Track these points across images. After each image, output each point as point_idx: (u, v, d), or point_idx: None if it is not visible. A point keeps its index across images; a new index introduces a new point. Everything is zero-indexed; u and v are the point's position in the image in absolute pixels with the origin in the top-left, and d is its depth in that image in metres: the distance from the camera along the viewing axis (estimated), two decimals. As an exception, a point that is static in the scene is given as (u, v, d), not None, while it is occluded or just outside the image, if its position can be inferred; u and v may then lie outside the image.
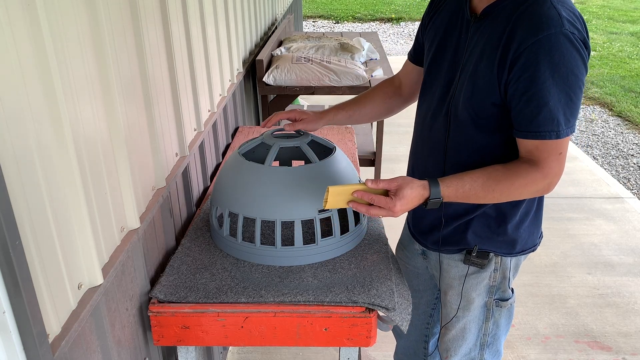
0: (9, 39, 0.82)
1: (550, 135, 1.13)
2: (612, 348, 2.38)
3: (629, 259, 3.04)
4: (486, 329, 1.49)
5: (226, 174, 1.51)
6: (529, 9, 1.13)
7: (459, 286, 1.43)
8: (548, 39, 1.08)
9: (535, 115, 1.13)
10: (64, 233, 0.99)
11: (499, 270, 1.39)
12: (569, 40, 1.08)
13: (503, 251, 1.37)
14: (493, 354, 1.56)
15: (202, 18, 2.01)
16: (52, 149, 0.95)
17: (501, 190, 1.20)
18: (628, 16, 11.42)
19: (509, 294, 1.44)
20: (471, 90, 1.22)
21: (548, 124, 1.13)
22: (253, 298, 1.32)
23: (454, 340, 1.52)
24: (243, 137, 2.46)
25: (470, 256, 1.37)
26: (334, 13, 12.92)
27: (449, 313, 1.49)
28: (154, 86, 1.45)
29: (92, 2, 1.10)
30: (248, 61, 3.07)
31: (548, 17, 1.09)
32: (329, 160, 1.48)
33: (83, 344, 1.05)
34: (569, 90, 1.11)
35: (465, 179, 1.21)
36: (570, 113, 1.13)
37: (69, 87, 1.01)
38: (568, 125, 1.14)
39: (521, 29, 1.11)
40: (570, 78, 1.10)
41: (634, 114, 5.77)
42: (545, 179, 1.18)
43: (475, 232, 1.36)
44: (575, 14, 1.13)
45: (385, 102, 1.60)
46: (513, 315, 1.51)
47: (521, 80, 1.12)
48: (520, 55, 1.11)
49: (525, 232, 1.37)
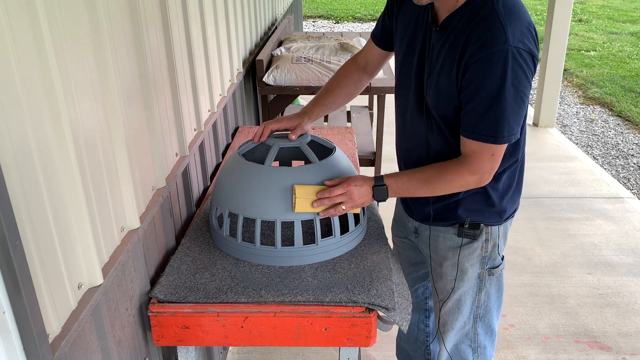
0: (9, 39, 0.82)
1: (488, 140, 1.27)
2: (612, 348, 2.38)
3: (629, 259, 3.04)
4: (479, 300, 1.56)
5: (226, 174, 1.51)
6: (478, 25, 1.22)
7: (454, 257, 1.51)
8: (492, 55, 1.19)
9: (478, 121, 1.26)
10: (64, 233, 0.99)
11: (490, 240, 1.49)
12: (512, 55, 1.19)
13: (492, 221, 1.48)
14: (486, 329, 1.61)
15: (202, 18, 2.01)
16: (52, 149, 0.95)
17: (434, 181, 1.37)
18: (628, 16, 11.42)
19: (499, 261, 1.54)
20: (437, 99, 1.34)
21: (488, 129, 1.26)
22: (253, 298, 1.32)
23: (450, 313, 1.58)
24: (243, 137, 2.46)
25: (463, 228, 1.47)
26: (334, 13, 12.92)
27: (446, 285, 1.55)
28: (154, 86, 1.45)
29: (92, 2, 1.10)
30: (248, 61, 3.07)
31: (494, 35, 1.19)
32: (329, 160, 1.48)
33: (83, 344, 1.05)
34: (511, 101, 1.22)
35: (405, 172, 1.43)
36: (513, 121, 1.26)
37: (69, 87, 1.01)
38: (510, 133, 1.27)
39: (471, 44, 1.22)
40: (511, 90, 1.21)
41: (634, 114, 5.77)
42: (474, 175, 1.33)
43: (465, 207, 1.46)
44: (524, 25, 1.22)
45: (355, 84, 1.68)
46: (503, 287, 1.59)
47: (468, 89, 1.25)
48: (469, 67, 1.23)
49: (509, 202, 1.49)
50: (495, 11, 1.21)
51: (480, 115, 1.25)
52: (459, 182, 1.36)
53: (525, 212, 3.54)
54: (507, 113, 1.23)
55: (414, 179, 1.40)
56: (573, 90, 6.88)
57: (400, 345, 1.95)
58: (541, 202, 3.68)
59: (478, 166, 1.31)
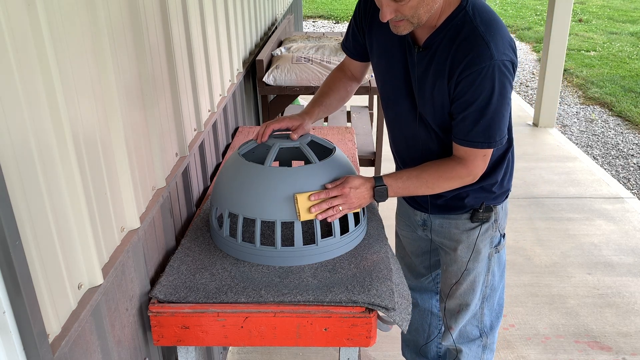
0: (9, 39, 0.82)
1: (482, 146, 1.37)
2: (612, 348, 2.38)
3: (629, 259, 3.04)
4: (487, 280, 1.64)
5: (226, 174, 1.51)
6: (463, 43, 1.29)
7: (468, 239, 1.58)
8: (480, 71, 1.27)
9: (470, 130, 1.35)
10: (64, 233, 0.99)
11: (498, 220, 1.58)
12: (498, 68, 1.27)
13: (498, 201, 1.57)
14: (490, 309, 1.68)
15: (202, 18, 2.01)
16: (52, 148, 0.95)
17: (433, 181, 1.44)
18: (628, 16, 11.42)
19: (499, 237, 1.62)
20: (433, 112, 1.42)
21: (480, 136, 1.35)
22: (253, 298, 1.32)
23: (465, 294, 1.64)
24: (243, 137, 2.46)
25: (477, 213, 1.54)
26: (334, 13, 12.92)
27: (460, 268, 1.61)
28: (154, 86, 1.45)
29: (92, 2, 1.10)
30: (248, 61, 3.07)
31: (480, 54, 1.27)
32: (329, 160, 1.48)
33: (83, 344, 1.05)
34: (500, 108, 1.32)
35: (403, 172, 1.48)
36: (503, 125, 1.35)
37: (69, 87, 1.01)
38: (500, 137, 1.36)
39: (459, 63, 1.29)
40: (499, 100, 1.30)
41: (634, 114, 5.77)
42: (470, 175, 1.43)
43: (475, 195, 1.53)
44: (504, 37, 1.29)
45: (345, 89, 1.74)
46: (504, 265, 1.67)
47: (460, 101, 1.33)
48: (459, 83, 1.31)
49: (509, 181, 1.59)
50: (475, 28, 1.28)
51: (472, 124, 1.33)
52: (456, 181, 1.44)
53: (525, 212, 3.54)
54: (497, 120, 1.33)
55: (413, 178, 1.45)
56: (573, 90, 6.88)
57: (408, 339, 1.96)
58: (541, 202, 3.68)
59: (474, 166, 1.41)
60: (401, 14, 1.25)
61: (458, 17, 1.30)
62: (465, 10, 1.30)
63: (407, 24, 1.28)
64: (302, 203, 1.39)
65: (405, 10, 1.24)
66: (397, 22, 1.28)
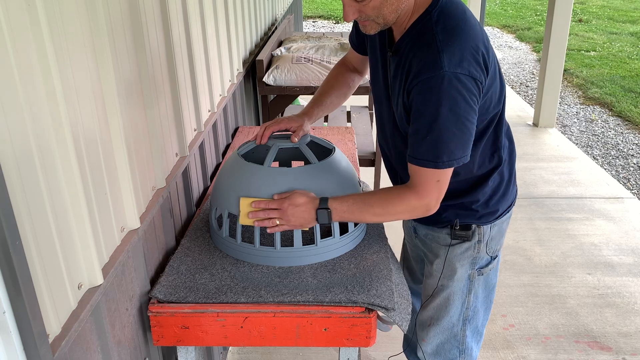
0: (8, 39, 0.82)
1: (428, 165, 1.24)
2: (612, 348, 2.38)
3: (629, 259, 3.04)
4: (468, 302, 1.55)
5: (225, 175, 1.51)
6: (419, 50, 1.22)
7: (445, 255, 1.51)
8: (427, 81, 1.18)
9: (418, 145, 1.25)
10: (64, 233, 0.99)
11: (483, 241, 1.49)
12: (449, 81, 1.17)
13: (483, 221, 1.47)
14: (473, 332, 1.60)
15: (202, 18, 2.01)
16: (52, 149, 0.95)
17: (379, 208, 1.34)
18: (628, 16, 11.42)
19: (487, 259, 1.52)
20: (400, 118, 1.34)
21: (428, 154, 1.23)
22: (252, 298, 1.32)
23: (438, 309, 1.58)
24: (243, 137, 2.46)
25: (454, 230, 1.46)
26: (334, 13, 12.92)
27: (433, 283, 1.56)
28: (154, 86, 1.45)
29: (92, 3, 1.10)
30: (248, 61, 3.07)
31: (429, 62, 1.18)
32: (329, 160, 1.48)
33: (83, 344, 1.05)
34: (450, 126, 1.20)
35: (351, 196, 1.38)
36: (454, 146, 1.22)
37: (69, 87, 1.01)
38: (451, 158, 1.23)
39: (411, 70, 1.22)
40: (448, 117, 1.19)
41: (634, 114, 5.77)
42: (422, 201, 1.29)
43: (455, 211, 1.46)
44: (465, 48, 1.19)
45: (347, 83, 1.70)
46: (492, 287, 1.58)
47: (411, 113, 1.25)
48: (410, 92, 1.23)
49: (500, 202, 1.48)
50: (433, 36, 1.21)
51: (420, 139, 1.24)
52: (405, 208, 1.33)
53: (525, 212, 3.54)
54: (445, 138, 1.21)
55: (359, 203, 1.36)
56: (573, 90, 6.88)
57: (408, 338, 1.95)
58: (541, 202, 3.68)
59: (425, 191, 1.28)
60: (365, 14, 1.22)
61: (423, 22, 1.25)
62: (430, 15, 1.24)
63: (374, 24, 1.25)
64: (243, 207, 1.39)
65: (368, 10, 1.21)
66: (363, 22, 1.26)
